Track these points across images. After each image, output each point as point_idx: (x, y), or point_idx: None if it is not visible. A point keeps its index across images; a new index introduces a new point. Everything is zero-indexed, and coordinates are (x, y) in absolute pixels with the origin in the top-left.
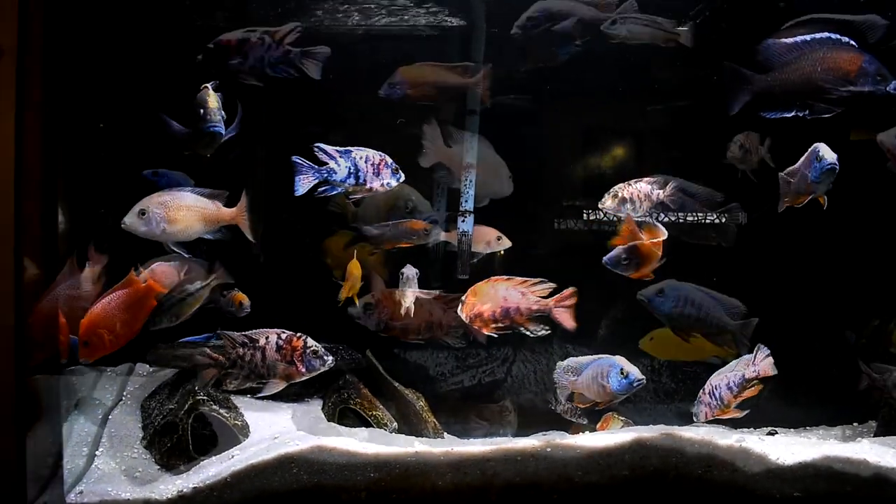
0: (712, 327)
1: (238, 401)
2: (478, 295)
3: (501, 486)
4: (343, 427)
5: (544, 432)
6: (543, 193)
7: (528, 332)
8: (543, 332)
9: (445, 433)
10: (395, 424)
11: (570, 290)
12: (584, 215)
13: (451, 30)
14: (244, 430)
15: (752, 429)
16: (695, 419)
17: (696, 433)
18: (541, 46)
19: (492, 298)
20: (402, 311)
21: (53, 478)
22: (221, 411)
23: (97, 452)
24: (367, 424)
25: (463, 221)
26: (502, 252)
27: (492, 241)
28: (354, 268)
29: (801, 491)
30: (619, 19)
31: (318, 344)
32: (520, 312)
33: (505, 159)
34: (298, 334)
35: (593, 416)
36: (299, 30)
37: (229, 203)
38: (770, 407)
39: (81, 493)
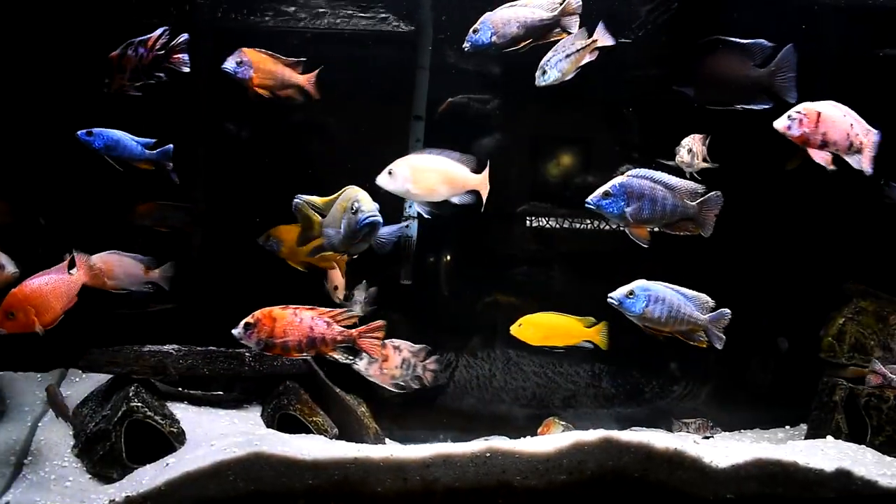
0: (684, 324)
1: (175, 407)
2: (277, 321)
3: (443, 492)
4: (282, 433)
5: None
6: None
7: (333, 359)
8: (348, 360)
9: (387, 439)
10: (336, 430)
11: (378, 322)
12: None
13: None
14: (179, 438)
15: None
16: None
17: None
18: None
19: (297, 327)
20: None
21: None
22: (156, 418)
23: (25, 461)
24: (308, 431)
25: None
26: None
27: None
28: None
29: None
30: (546, 67)
31: None
32: (325, 342)
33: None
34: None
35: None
36: (168, 33)
37: None
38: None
39: (8, 503)
